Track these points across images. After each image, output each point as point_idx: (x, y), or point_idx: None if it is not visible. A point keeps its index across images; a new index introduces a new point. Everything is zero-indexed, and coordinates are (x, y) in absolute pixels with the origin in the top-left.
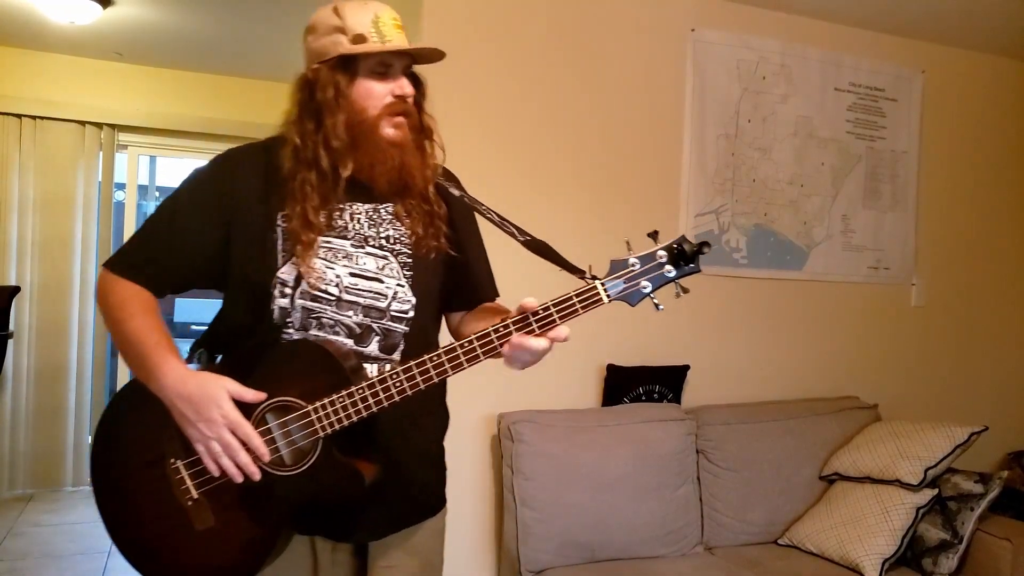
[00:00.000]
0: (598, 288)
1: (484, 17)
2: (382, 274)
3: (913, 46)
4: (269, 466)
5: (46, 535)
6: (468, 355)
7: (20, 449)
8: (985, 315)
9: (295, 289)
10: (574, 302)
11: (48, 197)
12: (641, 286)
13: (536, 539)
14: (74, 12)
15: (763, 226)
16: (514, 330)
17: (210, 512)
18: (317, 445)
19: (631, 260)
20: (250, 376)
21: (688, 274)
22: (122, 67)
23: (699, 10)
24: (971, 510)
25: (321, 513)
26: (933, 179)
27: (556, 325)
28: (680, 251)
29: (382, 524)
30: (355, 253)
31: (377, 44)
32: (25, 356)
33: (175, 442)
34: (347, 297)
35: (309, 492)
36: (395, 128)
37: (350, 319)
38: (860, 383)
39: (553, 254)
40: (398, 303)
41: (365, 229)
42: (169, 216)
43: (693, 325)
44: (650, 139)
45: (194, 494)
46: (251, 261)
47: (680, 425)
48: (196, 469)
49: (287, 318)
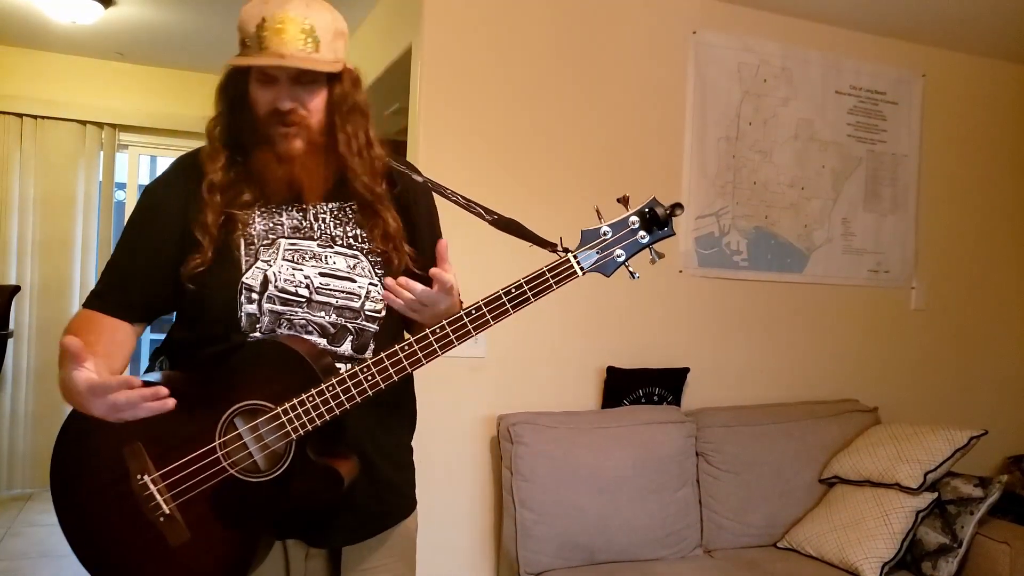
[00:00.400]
0: (571, 260)
1: (485, 19)
2: (353, 273)
3: (914, 50)
4: (243, 472)
5: (44, 534)
6: (441, 341)
7: (19, 449)
8: (985, 318)
9: (261, 294)
10: (547, 277)
11: (49, 197)
12: (615, 255)
13: (535, 541)
14: (75, 12)
15: (764, 229)
16: (487, 311)
17: (183, 526)
18: (290, 447)
19: (603, 229)
20: (215, 380)
21: (662, 238)
22: (123, 67)
23: (700, 13)
24: (971, 514)
25: (299, 517)
26: (933, 182)
27: (529, 303)
28: (652, 215)
29: (358, 527)
30: (323, 253)
31: (250, 56)
32: (25, 356)
33: (140, 457)
34: (318, 298)
35: (286, 496)
36: (281, 139)
37: (323, 319)
38: (860, 386)
39: (522, 230)
40: (371, 302)
41: (332, 228)
42: (131, 237)
43: (693, 327)
44: (651, 141)
45: (165, 509)
46: (212, 268)
47: (680, 427)
48: (170, 481)
49: (256, 324)
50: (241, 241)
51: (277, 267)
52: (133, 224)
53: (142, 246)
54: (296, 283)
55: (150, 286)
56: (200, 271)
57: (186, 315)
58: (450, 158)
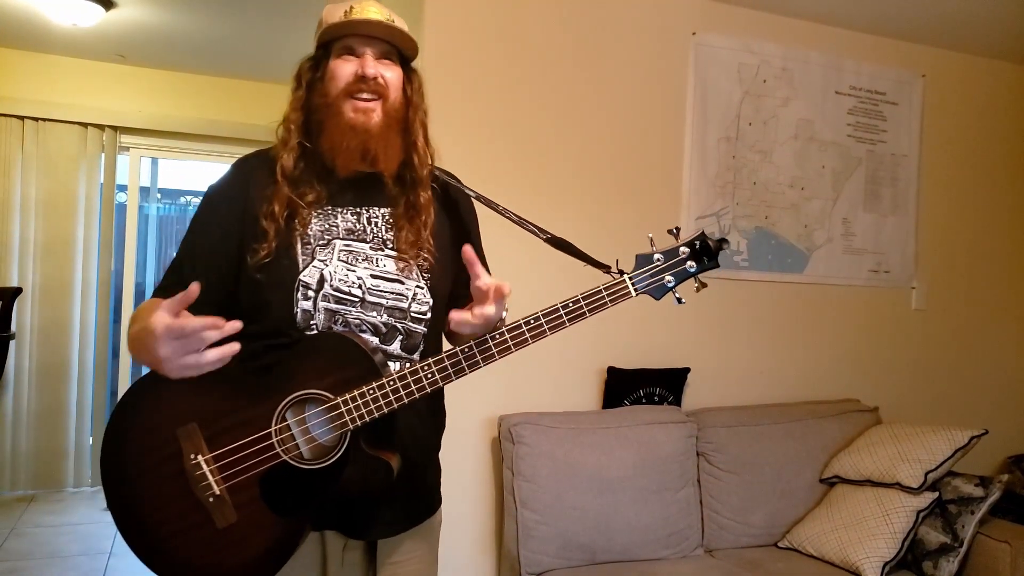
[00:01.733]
0: (627, 282)
1: (485, 20)
2: (402, 276)
3: (914, 50)
4: (295, 460)
5: (48, 536)
6: (500, 346)
7: (22, 450)
8: (985, 318)
9: (317, 292)
10: (603, 295)
11: (50, 199)
12: (665, 280)
13: (536, 541)
14: (76, 14)
15: (764, 229)
16: (544, 322)
17: (232, 509)
18: (344, 438)
19: (656, 256)
20: (275, 369)
21: (708, 269)
22: (124, 69)
23: (701, 14)
24: (971, 513)
25: (344, 507)
26: (933, 182)
27: (584, 319)
28: (702, 247)
29: (394, 521)
30: (375, 255)
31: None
32: (27, 357)
33: (194, 438)
34: (370, 298)
35: (338, 485)
36: (356, 112)
37: (375, 319)
38: (861, 386)
39: (576, 250)
40: (417, 304)
41: (383, 232)
42: (192, 237)
43: (694, 328)
44: (652, 142)
45: (216, 490)
46: (269, 263)
47: (681, 428)
48: (221, 463)
49: (310, 320)
50: (298, 240)
51: (333, 267)
52: (195, 222)
53: (203, 242)
54: (350, 283)
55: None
56: (265, 263)
57: (242, 309)
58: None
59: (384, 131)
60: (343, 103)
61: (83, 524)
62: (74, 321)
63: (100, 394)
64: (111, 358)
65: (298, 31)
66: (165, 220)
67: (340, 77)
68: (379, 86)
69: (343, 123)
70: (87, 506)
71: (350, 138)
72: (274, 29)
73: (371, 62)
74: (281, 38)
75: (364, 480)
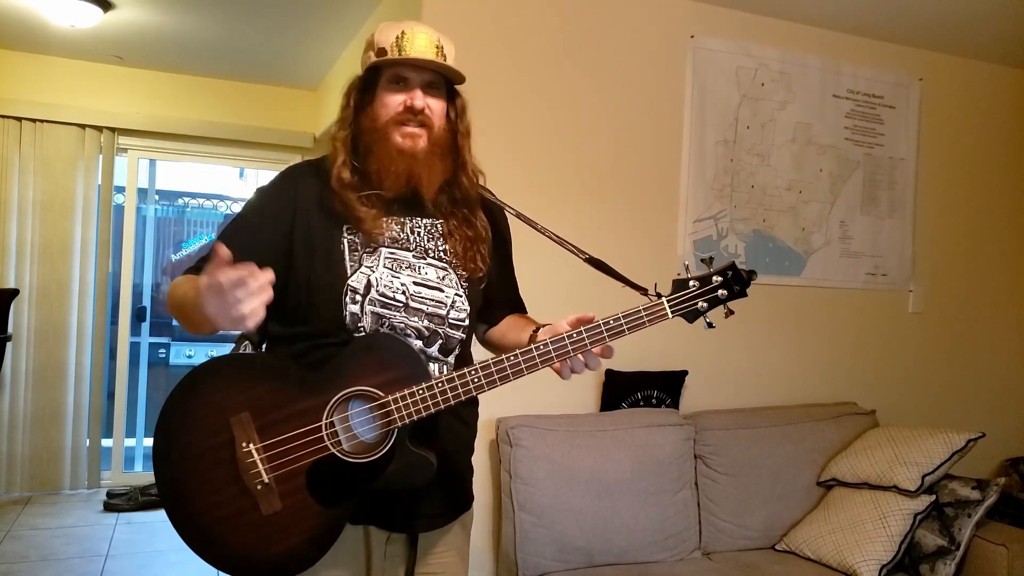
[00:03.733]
0: (664, 305)
1: (484, 24)
2: (443, 284)
3: (911, 54)
4: (342, 453)
5: (44, 538)
6: (543, 356)
7: (18, 452)
8: (982, 321)
9: (364, 297)
10: (642, 316)
11: (48, 200)
12: (699, 306)
13: (534, 544)
14: (74, 15)
15: (761, 232)
16: (586, 336)
17: (278, 497)
18: (391, 434)
19: (691, 282)
20: (326, 365)
21: (737, 297)
22: (122, 71)
23: (699, 17)
24: (968, 516)
25: (387, 502)
26: (930, 186)
27: (623, 336)
28: (734, 276)
29: (435, 516)
30: (417, 264)
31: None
32: (23, 358)
33: (247, 427)
34: (413, 304)
35: (384, 479)
36: (403, 138)
37: (417, 323)
38: (858, 389)
39: (614, 272)
40: (455, 311)
41: (425, 242)
42: (234, 228)
43: (691, 330)
44: (650, 144)
45: (265, 478)
46: (318, 269)
47: (678, 430)
48: (270, 453)
49: (358, 323)
50: (347, 246)
51: (379, 273)
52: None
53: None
54: (394, 289)
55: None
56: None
57: (290, 310)
58: None
59: (428, 157)
60: (391, 130)
61: (79, 526)
62: (71, 322)
63: (97, 396)
64: (108, 359)
65: (295, 34)
66: (163, 222)
67: (390, 106)
68: (425, 117)
69: (391, 148)
70: (83, 508)
71: (398, 163)
72: (271, 32)
73: (419, 95)
74: (278, 40)
75: (409, 475)
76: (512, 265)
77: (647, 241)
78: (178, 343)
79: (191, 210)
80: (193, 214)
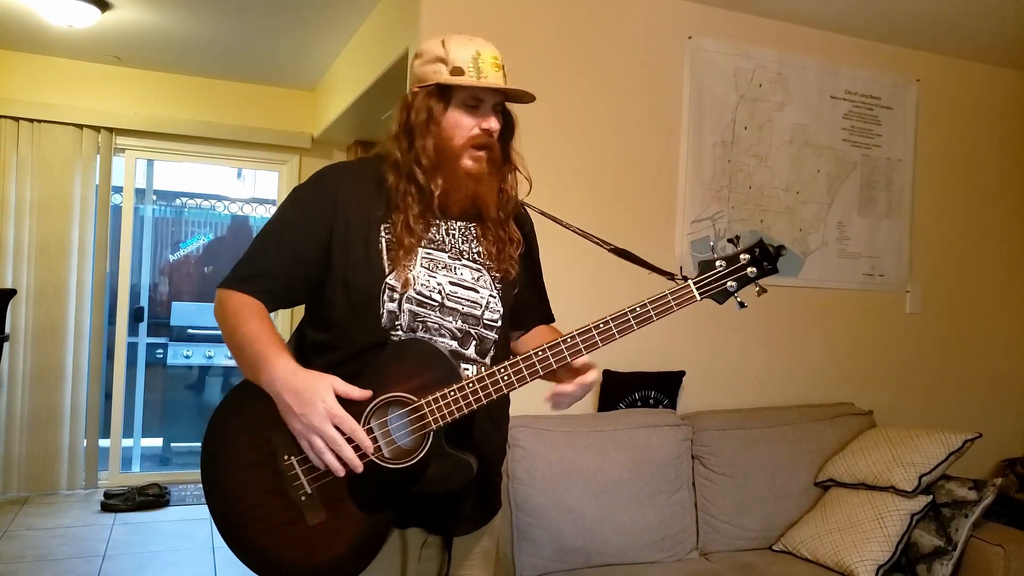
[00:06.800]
0: (691, 287)
1: (482, 24)
2: (477, 284)
3: (908, 55)
4: (381, 459)
5: (41, 538)
6: (571, 350)
7: (15, 452)
8: (979, 322)
9: (402, 295)
10: (669, 300)
11: (45, 200)
12: (728, 286)
13: (532, 544)
14: (72, 16)
15: (759, 233)
16: (613, 326)
17: (322, 507)
18: (427, 438)
19: (718, 262)
20: (361, 375)
21: (768, 274)
22: (120, 71)
23: (696, 18)
24: (965, 517)
25: (426, 505)
26: (928, 187)
27: (652, 322)
28: (762, 252)
29: (470, 519)
30: (453, 264)
31: (472, 79)
32: (21, 359)
33: (289, 439)
34: (449, 304)
35: (423, 483)
36: (473, 161)
37: (452, 324)
38: (855, 389)
39: (640, 259)
40: (490, 312)
41: (460, 244)
42: (278, 232)
43: (689, 331)
44: (647, 146)
45: (308, 489)
46: (356, 267)
47: (676, 431)
48: (310, 464)
49: (395, 321)
50: (384, 245)
51: (416, 272)
52: (281, 219)
53: (289, 238)
54: (431, 288)
55: (292, 275)
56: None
57: (327, 311)
58: None
59: (490, 177)
60: (463, 153)
61: (76, 527)
62: (69, 323)
63: (94, 396)
64: (105, 360)
65: (293, 34)
66: (160, 222)
67: (464, 127)
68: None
69: (460, 171)
70: (80, 508)
71: (467, 185)
72: (269, 32)
73: (493, 119)
74: (276, 40)
75: (448, 477)
76: (541, 274)
77: (645, 242)
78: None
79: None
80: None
